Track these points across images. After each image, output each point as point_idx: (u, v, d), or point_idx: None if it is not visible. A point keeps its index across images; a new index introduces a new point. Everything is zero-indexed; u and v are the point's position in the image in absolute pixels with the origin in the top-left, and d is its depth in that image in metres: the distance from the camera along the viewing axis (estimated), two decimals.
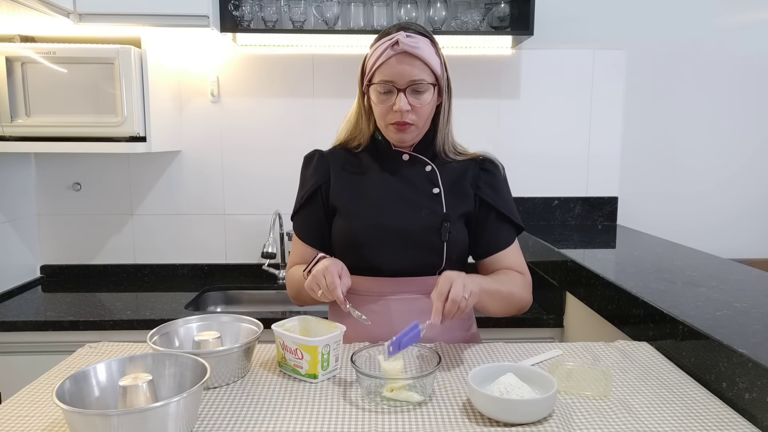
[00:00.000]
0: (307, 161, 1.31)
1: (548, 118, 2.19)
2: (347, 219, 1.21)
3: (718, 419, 0.83)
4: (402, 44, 1.12)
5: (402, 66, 1.13)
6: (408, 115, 1.15)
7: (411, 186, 1.23)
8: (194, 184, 2.18)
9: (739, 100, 2.23)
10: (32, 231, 2.15)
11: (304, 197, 1.26)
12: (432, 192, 1.22)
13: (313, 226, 1.26)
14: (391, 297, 1.19)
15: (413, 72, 1.13)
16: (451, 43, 2.09)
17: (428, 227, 1.18)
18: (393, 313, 1.19)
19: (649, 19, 2.17)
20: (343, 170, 1.26)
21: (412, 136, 1.21)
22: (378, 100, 1.17)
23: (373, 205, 1.20)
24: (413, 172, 1.24)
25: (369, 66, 1.18)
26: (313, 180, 1.26)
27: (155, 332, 0.99)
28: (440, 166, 1.25)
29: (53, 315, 1.75)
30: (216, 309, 2.08)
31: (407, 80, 1.13)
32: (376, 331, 1.17)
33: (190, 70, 2.12)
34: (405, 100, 1.14)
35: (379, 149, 1.27)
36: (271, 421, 0.83)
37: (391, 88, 1.14)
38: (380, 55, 1.15)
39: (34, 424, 0.82)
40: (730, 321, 0.99)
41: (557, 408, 0.86)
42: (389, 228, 1.18)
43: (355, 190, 1.23)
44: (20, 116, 1.77)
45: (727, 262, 1.46)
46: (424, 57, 1.14)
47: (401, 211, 1.20)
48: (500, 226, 1.24)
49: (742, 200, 2.28)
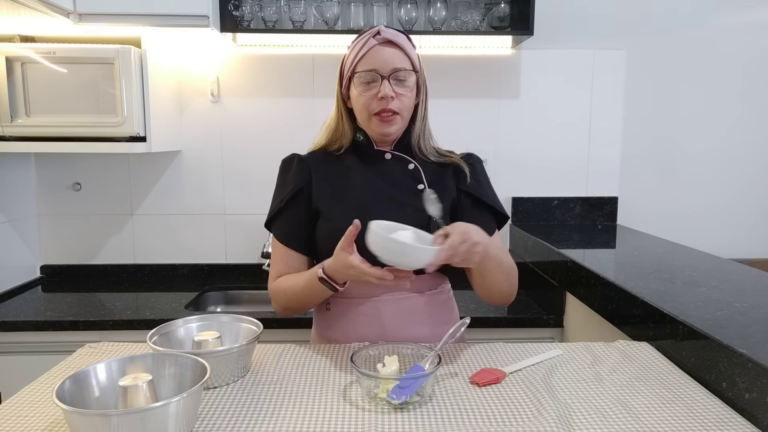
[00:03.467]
0: (285, 165, 1.28)
1: (548, 118, 2.19)
2: (332, 221, 1.18)
3: (718, 419, 0.83)
4: (384, 33, 1.16)
5: (385, 52, 1.16)
6: (392, 102, 1.16)
7: (395, 184, 1.22)
8: (194, 184, 2.18)
9: (740, 100, 2.23)
10: (32, 231, 2.15)
11: (284, 200, 1.23)
12: (417, 189, 1.21)
13: (296, 229, 1.23)
14: (381, 298, 1.18)
15: (396, 59, 1.16)
16: (451, 43, 2.09)
17: (415, 225, 1.17)
18: (383, 315, 1.18)
19: (649, 19, 2.17)
20: (325, 172, 1.24)
21: (396, 128, 1.20)
22: (362, 90, 1.18)
23: (358, 206, 1.19)
24: (396, 170, 1.24)
25: (350, 60, 1.20)
26: (294, 183, 1.23)
27: (155, 332, 0.99)
28: (422, 164, 1.25)
29: (53, 315, 1.75)
30: (216, 309, 2.08)
31: (390, 67, 1.15)
32: (366, 333, 1.17)
33: (190, 70, 2.12)
34: (389, 86, 1.15)
35: (360, 150, 1.26)
36: (271, 421, 0.83)
37: (374, 77, 1.16)
38: (362, 47, 1.17)
39: (34, 424, 0.82)
40: (730, 321, 0.99)
41: (557, 408, 0.86)
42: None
43: (339, 192, 1.22)
44: (20, 116, 1.77)
45: (727, 262, 1.46)
46: (405, 47, 1.18)
47: (387, 210, 1.18)
48: (482, 216, 1.23)
49: (742, 200, 2.28)
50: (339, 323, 1.21)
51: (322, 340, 1.26)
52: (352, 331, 1.18)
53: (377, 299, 1.18)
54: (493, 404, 0.88)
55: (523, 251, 2.06)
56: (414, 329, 1.18)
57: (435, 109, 2.14)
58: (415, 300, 1.19)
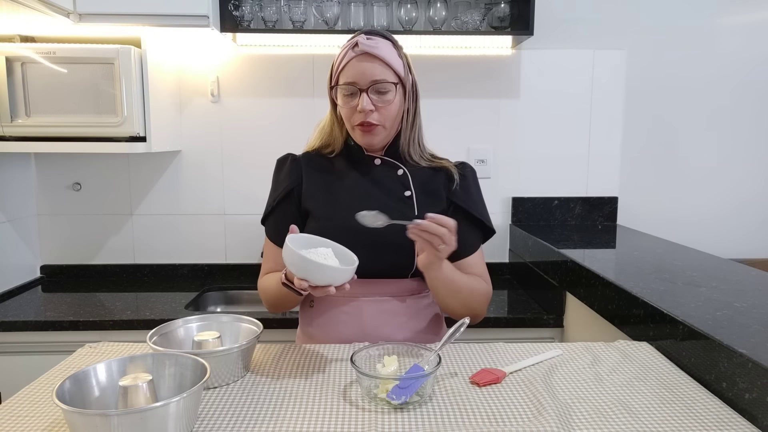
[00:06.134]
0: (279, 164, 1.30)
1: (548, 118, 2.19)
2: (319, 221, 1.20)
3: (718, 419, 0.83)
4: (361, 45, 1.15)
5: (362, 66, 1.15)
6: (372, 114, 1.16)
7: (382, 189, 1.23)
8: (194, 184, 2.18)
9: (740, 99, 2.23)
10: (32, 231, 2.15)
11: (276, 200, 1.25)
12: (404, 195, 1.22)
13: (286, 228, 1.22)
14: (363, 299, 1.19)
15: (374, 72, 1.15)
16: (451, 43, 2.09)
17: (399, 230, 1.17)
18: (364, 315, 1.19)
19: (649, 19, 2.17)
20: (316, 174, 1.26)
21: (380, 138, 1.21)
22: (343, 102, 1.19)
23: (344, 208, 1.20)
24: (385, 175, 1.25)
25: (333, 70, 1.20)
26: (286, 183, 1.25)
27: (155, 332, 0.99)
28: (412, 170, 1.25)
29: (53, 315, 1.75)
30: (216, 309, 2.08)
31: (368, 80, 1.15)
32: (347, 332, 1.18)
33: (190, 70, 2.12)
34: (368, 99, 1.15)
35: (352, 154, 1.27)
36: (271, 421, 0.83)
37: (354, 90, 1.16)
38: (342, 58, 1.17)
39: (34, 424, 0.82)
40: (730, 321, 0.99)
41: (557, 408, 0.86)
42: (360, 230, 1.15)
43: (328, 193, 1.24)
44: (20, 116, 1.77)
45: (727, 262, 1.46)
46: (384, 57, 1.15)
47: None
48: (469, 229, 1.23)
49: (743, 200, 2.28)
50: (320, 321, 1.22)
51: (305, 336, 1.27)
52: (332, 330, 1.20)
53: (359, 299, 1.19)
54: (493, 404, 0.88)
55: (523, 251, 2.06)
56: (394, 331, 1.19)
57: (435, 109, 2.17)
58: (395, 303, 1.20)
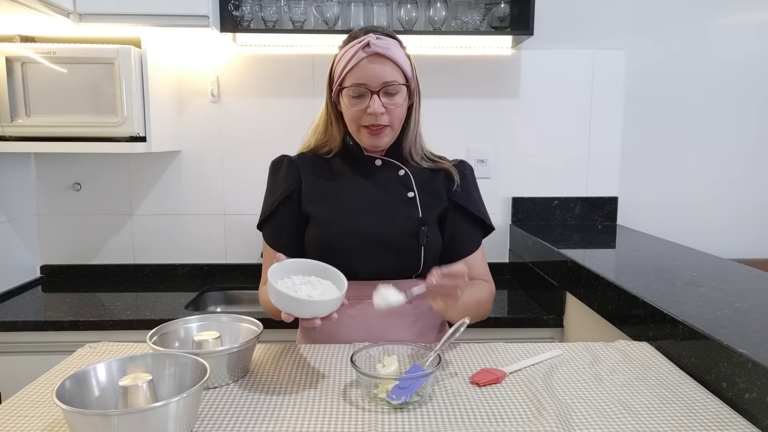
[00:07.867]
0: (275, 167, 1.27)
1: (548, 118, 2.19)
2: (322, 226, 1.18)
3: (718, 419, 0.83)
4: (373, 46, 1.11)
5: (374, 67, 1.12)
6: (382, 117, 1.14)
7: (385, 191, 1.21)
8: (194, 184, 2.18)
9: (740, 100, 2.23)
10: (32, 231, 2.15)
11: (274, 204, 1.22)
12: (407, 196, 1.21)
13: (285, 234, 1.22)
14: (368, 301, 1.16)
15: (385, 73, 1.12)
16: (451, 43, 2.09)
17: (406, 232, 1.16)
18: (369, 317, 1.18)
19: (649, 19, 2.17)
20: (315, 176, 1.23)
21: (387, 140, 1.19)
22: (350, 104, 1.15)
23: (348, 212, 1.18)
24: (387, 176, 1.23)
25: (339, 70, 1.16)
26: (284, 186, 1.22)
27: (155, 332, 0.99)
28: (413, 170, 1.24)
29: (53, 315, 1.75)
30: (216, 309, 2.08)
31: (380, 82, 1.12)
32: (352, 335, 1.17)
33: (190, 70, 2.12)
34: (379, 102, 1.12)
35: (350, 154, 1.25)
36: (271, 421, 0.83)
37: (363, 91, 1.13)
38: (351, 58, 1.13)
39: (34, 424, 0.82)
40: (730, 321, 0.99)
41: (557, 408, 0.86)
42: (366, 234, 1.16)
43: (329, 197, 1.21)
44: (20, 116, 1.77)
45: (727, 262, 1.46)
46: (396, 58, 1.13)
47: (377, 216, 1.18)
48: (470, 227, 1.23)
49: (743, 200, 2.28)
50: (324, 325, 1.20)
51: (306, 340, 1.25)
52: (336, 333, 1.18)
53: (365, 301, 1.16)
54: (493, 404, 0.88)
55: (523, 251, 2.06)
56: (398, 333, 1.18)
57: (435, 108, 2.17)
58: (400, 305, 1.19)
